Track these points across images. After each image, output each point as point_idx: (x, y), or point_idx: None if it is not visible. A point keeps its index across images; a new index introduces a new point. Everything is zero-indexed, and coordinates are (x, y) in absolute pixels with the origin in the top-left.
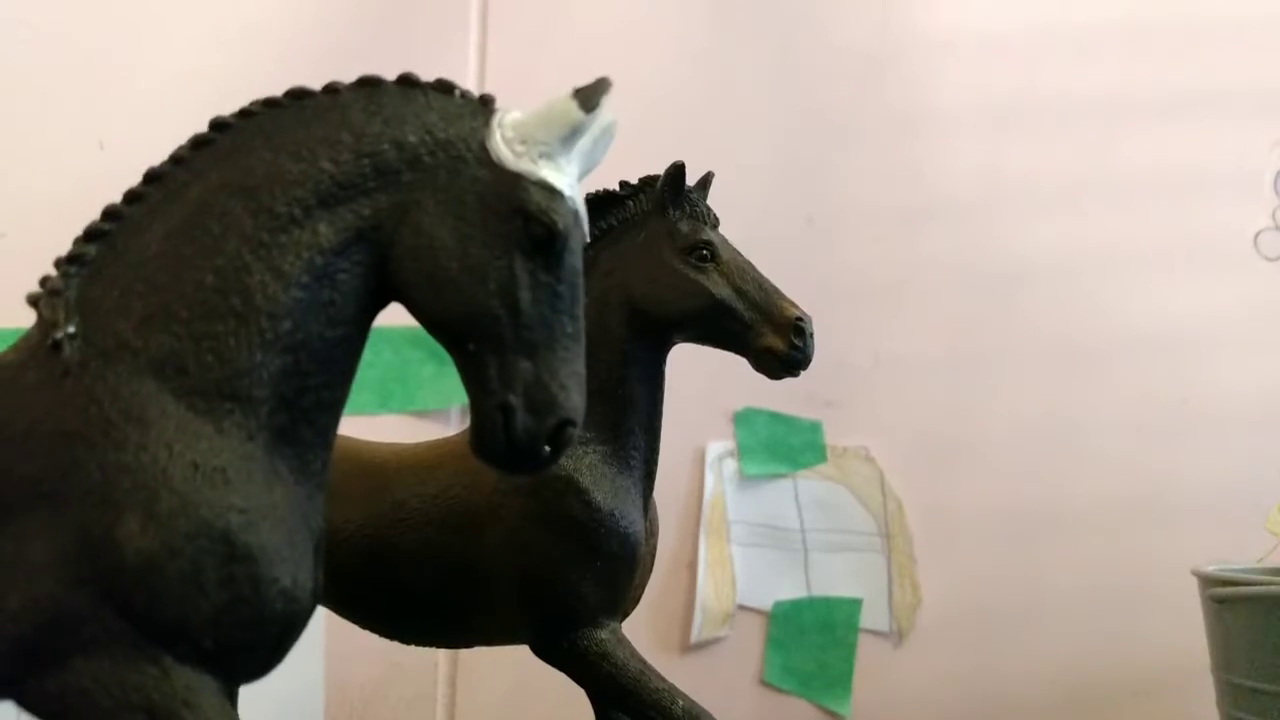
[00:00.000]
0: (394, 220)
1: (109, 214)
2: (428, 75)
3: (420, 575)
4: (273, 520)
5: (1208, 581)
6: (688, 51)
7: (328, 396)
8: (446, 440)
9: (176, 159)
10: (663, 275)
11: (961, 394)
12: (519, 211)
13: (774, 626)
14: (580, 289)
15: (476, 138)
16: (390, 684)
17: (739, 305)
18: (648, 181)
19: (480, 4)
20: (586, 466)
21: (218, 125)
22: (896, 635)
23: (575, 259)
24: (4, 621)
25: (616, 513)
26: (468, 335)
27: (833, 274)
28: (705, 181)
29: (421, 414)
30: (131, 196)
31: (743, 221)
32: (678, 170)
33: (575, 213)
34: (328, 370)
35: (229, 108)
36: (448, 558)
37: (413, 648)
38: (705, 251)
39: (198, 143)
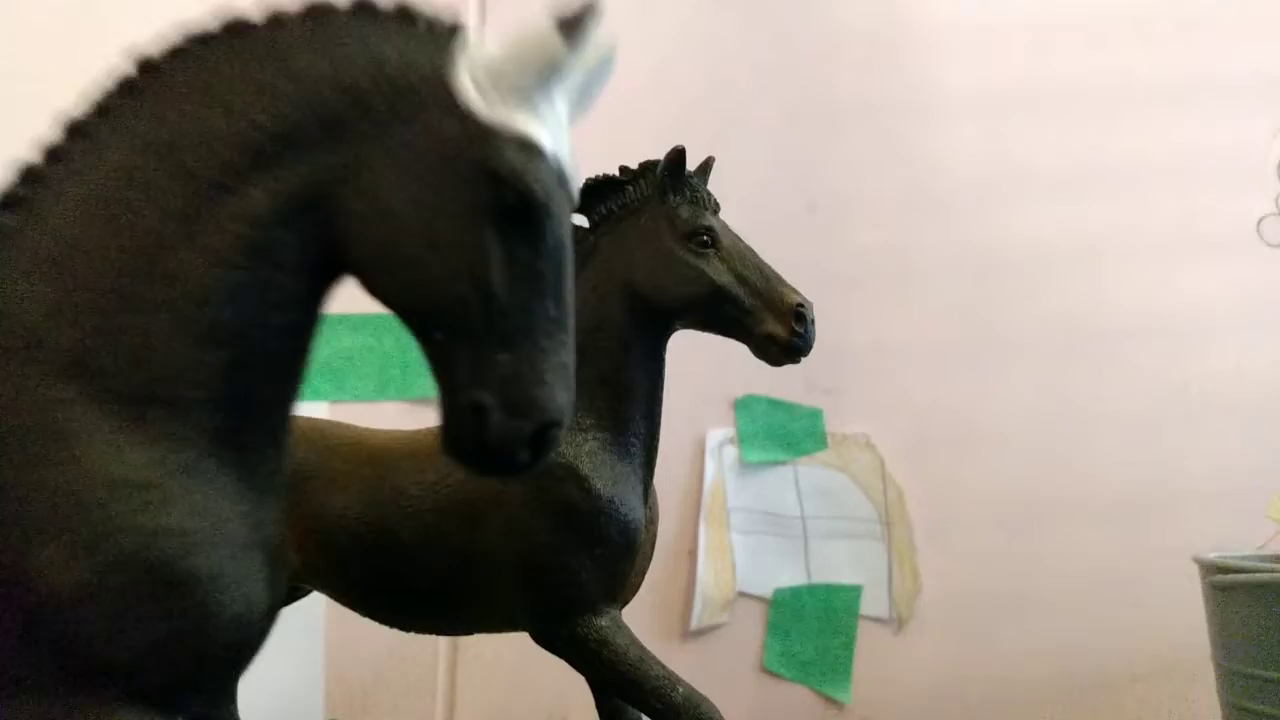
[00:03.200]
0: (342, 182)
1: (29, 176)
2: None
3: (420, 562)
4: (215, 540)
5: (1208, 568)
6: (688, 37)
7: (273, 393)
8: None
9: (102, 108)
10: (663, 261)
11: (962, 381)
12: (491, 174)
13: (774, 613)
14: (567, 265)
15: (440, 79)
16: (391, 671)
17: (740, 291)
18: (648, 166)
19: None
20: (586, 454)
21: (146, 67)
22: (896, 622)
23: (560, 229)
24: None
25: (616, 500)
26: (433, 322)
27: (834, 261)
28: (706, 167)
29: (421, 400)
30: (54, 154)
31: (744, 208)
32: (678, 155)
33: (559, 173)
34: (272, 363)
35: None
36: (448, 545)
37: (413, 635)
38: (706, 237)
39: (123, 88)
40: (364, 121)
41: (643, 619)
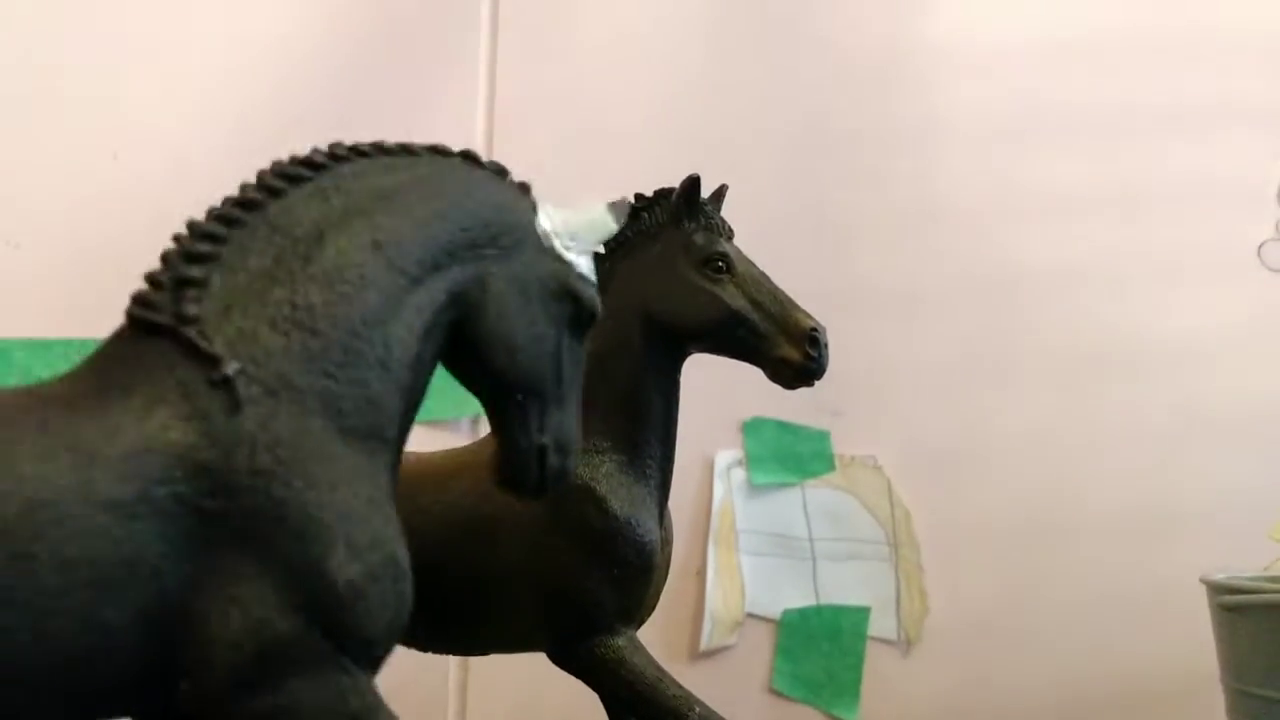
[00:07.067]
0: (477, 289)
1: (208, 235)
2: (437, 90)
3: (438, 582)
4: (404, 541)
5: (1217, 589)
6: (695, 64)
7: (408, 436)
8: (464, 449)
9: (272, 189)
10: (679, 287)
11: (969, 403)
12: (571, 296)
13: (782, 635)
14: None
15: (534, 226)
16: (401, 692)
17: (754, 316)
18: (663, 194)
19: (489, 22)
20: (603, 475)
21: (317, 161)
22: (904, 644)
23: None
24: (223, 650)
25: (633, 521)
26: (520, 388)
27: (840, 284)
28: (719, 194)
29: (436, 423)
30: (230, 219)
31: (751, 232)
32: (693, 183)
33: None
34: (414, 413)
35: (242, 119)
36: (465, 565)
37: (424, 656)
38: (720, 263)
39: (292, 176)
40: (492, 247)
41: (651, 639)
